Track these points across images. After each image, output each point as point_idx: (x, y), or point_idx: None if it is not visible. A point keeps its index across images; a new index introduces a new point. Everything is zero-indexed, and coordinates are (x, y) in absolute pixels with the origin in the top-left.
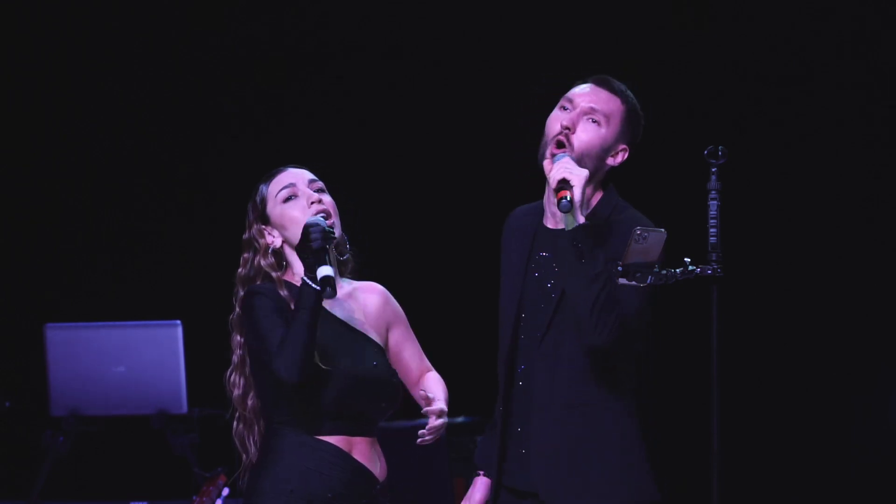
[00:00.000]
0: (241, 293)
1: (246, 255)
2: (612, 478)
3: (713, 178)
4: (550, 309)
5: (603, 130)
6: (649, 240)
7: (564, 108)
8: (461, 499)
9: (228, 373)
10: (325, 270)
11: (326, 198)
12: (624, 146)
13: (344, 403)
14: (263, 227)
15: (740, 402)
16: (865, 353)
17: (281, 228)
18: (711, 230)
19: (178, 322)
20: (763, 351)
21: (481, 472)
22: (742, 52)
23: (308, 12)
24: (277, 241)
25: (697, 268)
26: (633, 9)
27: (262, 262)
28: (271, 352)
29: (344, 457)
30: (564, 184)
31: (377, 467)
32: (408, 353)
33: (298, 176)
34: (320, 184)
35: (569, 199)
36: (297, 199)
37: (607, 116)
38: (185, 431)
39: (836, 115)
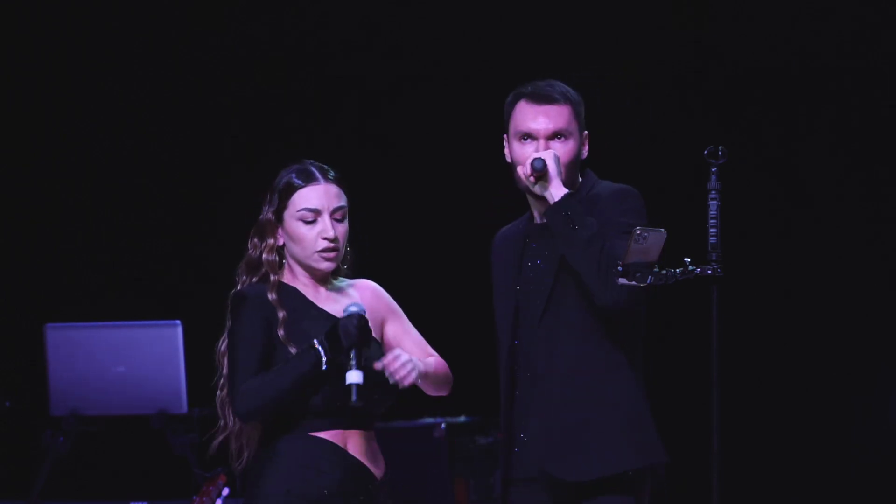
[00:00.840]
0: (238, 286)
1: (256, 240)
2: (618, 443)
3: (713, 178)
4: (546, 291)
5: (571, 141)
6: (649, 240)
7: (525, 140)
8: (461, 499)
9: (221, 346)
10: (354, 376)
11: (342, 229)
12: (585, 134)
13: (336, 398)
14: (277, 224)
15: (740, 402)
16: (865, 353)
17: (288, 237)
18: (711, 230)
19: (178, 322)
20: (763, 351)
21: None
22: (742, 52)
23: (308, 12)
24: (281, 241)
25: (697, 268)
26: (633, 9)
27: (265, 256)
28: (237, 384)
29: (339, 453)
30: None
31: (375, 463)
32: (408, 345)
33: (326, 201)
34: (344, 211)
35: (542, 160)
36: (314, 225)
37: (568, 128)
38: (185, 431)
39: (836, 115)
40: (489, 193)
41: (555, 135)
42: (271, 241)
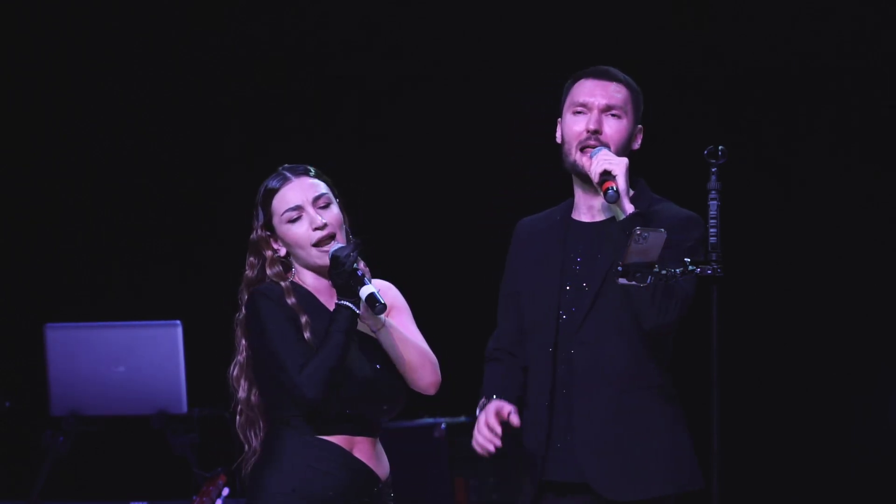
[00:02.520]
0: (241, 307)
1: (252, 259)
2: (664, 465)
3: (713, 178)
4: (588, 300)
5: (624, 121)
6: (649, 240)
7: (579, 112)
8: (461, 499)
9: (233, 371)
10: (367, 290)
11: (330, 214)
12: (640, 127)
13: (346, 405)
14: (269, 236)
15: (740, 402)
16: (865, 353)
17: (287, 245)
18: (711, 230)
19: (178, 322)
20: (763, 351)
21: (494, 396)
22: (742, 52)
23: (308, 12)
24: (282, 251)
25: (697, 268)
26: (633, 9)
27: (269, 272)
28: (290, 371)
29: (345, 456)
30: (607, 175)
31: (380, 466)
32: None
33: (303, 194)
34: (326, 197)
35: (615, 189)
36: (301, 221)
37: (624, 108)
38: (185, 431)
39: (836, 115)
40: (489, 193)
41: (608, 108)
42: (269, 253)
